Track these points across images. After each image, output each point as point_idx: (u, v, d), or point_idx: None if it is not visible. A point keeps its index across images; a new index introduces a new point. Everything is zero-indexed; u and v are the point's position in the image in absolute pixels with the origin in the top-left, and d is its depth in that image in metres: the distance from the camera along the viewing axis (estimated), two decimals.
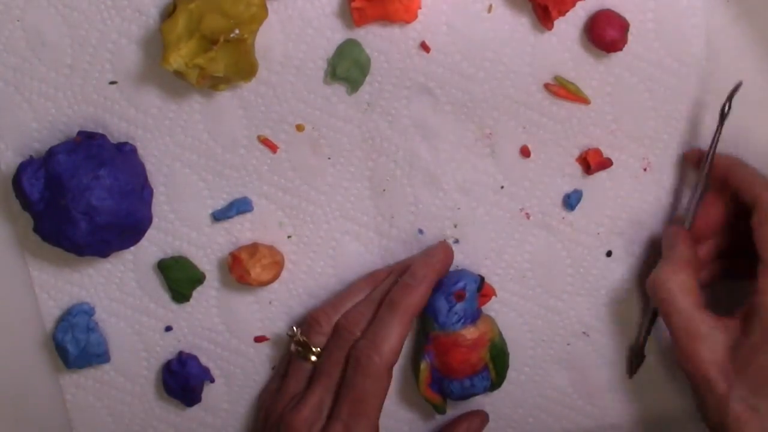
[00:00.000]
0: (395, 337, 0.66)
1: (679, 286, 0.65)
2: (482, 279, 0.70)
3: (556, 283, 0.73)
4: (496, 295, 0.72)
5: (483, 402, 0.75)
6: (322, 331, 0.69)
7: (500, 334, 0.71)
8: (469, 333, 0.69)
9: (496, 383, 0.71)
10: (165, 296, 0.73)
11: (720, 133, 0.67)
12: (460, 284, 0.69)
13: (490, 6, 0.68)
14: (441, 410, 0.72)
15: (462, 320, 0.69)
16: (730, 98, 0.66)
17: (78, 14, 0.68)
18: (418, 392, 0.71)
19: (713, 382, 0.62)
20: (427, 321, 0.70)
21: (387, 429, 0.75)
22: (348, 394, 0.66)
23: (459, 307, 0.69)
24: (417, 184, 0.71)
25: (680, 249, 0.66)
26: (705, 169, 0.67)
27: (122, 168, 0.67)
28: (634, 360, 0.73)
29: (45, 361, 0.74)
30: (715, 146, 0.67)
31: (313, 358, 0.69)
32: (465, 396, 0.71)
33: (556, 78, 0.69)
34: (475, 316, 0.70)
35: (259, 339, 0.74)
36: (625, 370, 0.74)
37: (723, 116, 0.67)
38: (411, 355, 0.74)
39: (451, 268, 0.71)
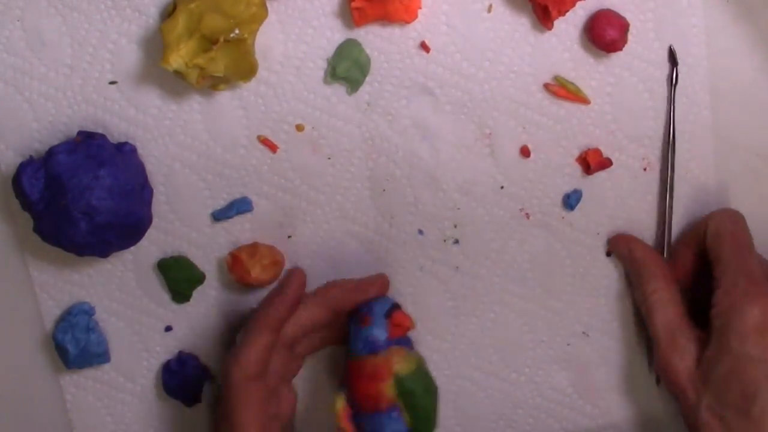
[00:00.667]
0: (252, 347, 0.65)
1: (663, 298, 0.67)
2: (394, 306, 0.67)
3: (556, 283, 0.73)
4: (413, 328, 0.68)
5: (482, 402, 0.75)
6: None
7: (418, 372, 0.66)
8: (370, 362, 0.65)
9: (416, 429, 0.65)
10: (165, 296, 0.73)
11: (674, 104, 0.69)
12: (365, 309, 0.67)
13: (490, 6, 0.68)
14: None
15: (367, 347, 0.66)
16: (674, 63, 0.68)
17: (78, 14, 0.68)
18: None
19: (685, 392, 0.66)
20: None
21: None
22: (220, 413, 0.66)
23: (364, 332, 0.66)
24: (417, 184, 0.71)
25: (658, 263, 0.69)
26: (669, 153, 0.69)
27: (122, 168, 0.67)
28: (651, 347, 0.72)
29: (45, 361, 0.74)
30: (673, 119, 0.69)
31: None
32: None
33: (556, 78, 0.69)
34: (381, 345, 0.66)
35: None
36: (648, 367, 0.73)
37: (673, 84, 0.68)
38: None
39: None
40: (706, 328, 0.66)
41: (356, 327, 0.67)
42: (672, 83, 0.68)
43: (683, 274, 0.70)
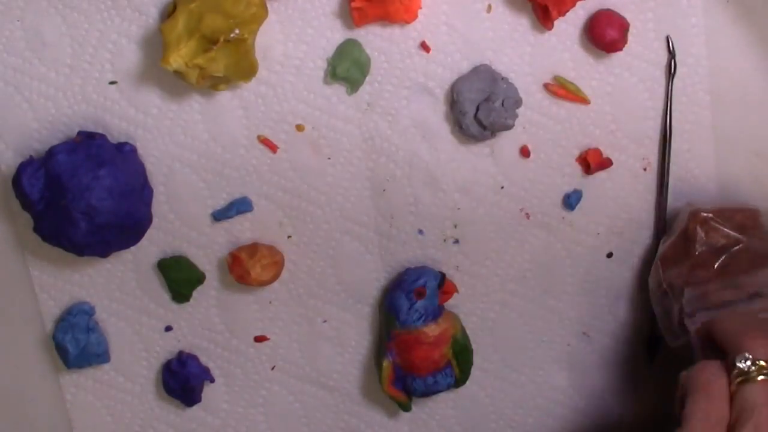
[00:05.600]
0: None
1: None
2: (443, 276, 0.70)
3: (556, 283, 0.73)
4: (458, 292, 0.72)
5: (482, 402, 0.75)
6: None
7: (463, 330, 0.71)
8: (431, 330, 0.69)
9: (460, 380, 0.71)
10: (165, 296, 0.73)
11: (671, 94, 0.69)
12: (420, 281, 0.69)
13: (490, 6, 0.68)
14: (406, 408, 0.72)
15: (423, 317, 0.69)
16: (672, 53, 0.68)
17: (78, 14, 0.68)
18: (382, 390, 0.72)
19: None
20: (388, 319, 0.70)
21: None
22: None
23: (420, 304, 0.69)
24: (417, 184, 0.71)
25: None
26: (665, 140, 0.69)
27: (122, 168, 0.67)
28: (652, 346, 0.73)
29: (45, 361, 0.74)
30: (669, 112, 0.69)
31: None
32: (429, 393, 0.71)
33: (556, 78, 0.69)
34: (436, 312, 0.70)
35: (259, 339, 0.74)
36: (644, 362, 0.74)
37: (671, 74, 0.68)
38: (374, 353, 0.74)
39: (418, 266, 0.72)
40: None
41: (409, 300, 0.69)
42: (670, 73, 0.68)
43: None
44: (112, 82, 0.69)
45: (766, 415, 0.56)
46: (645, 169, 0.70)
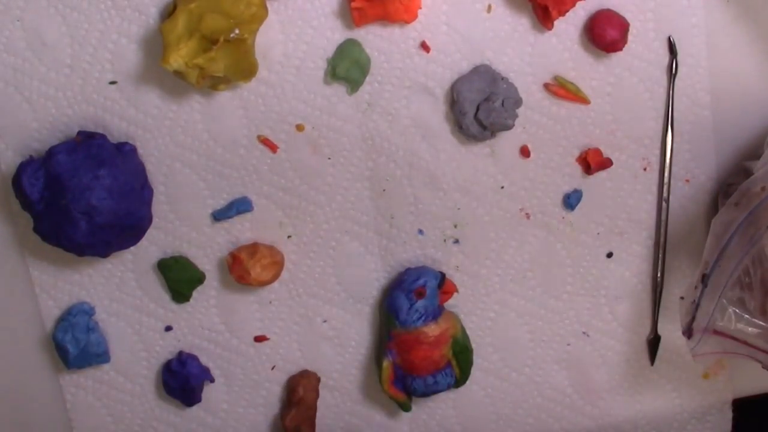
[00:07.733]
0: None
1: None
2: (443, 276, 0.70)
3: (556, 283, 0.73)
4: (458, 292, 0.72)
5: (482, 402, 0.75)
6: None
7: (463, 330, 0.71)
8: (431, 330, 0.69)
9: (460, 380, 0.71)
10: (165, 296, 0.73)
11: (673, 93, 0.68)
12: (420, 281, 0.69)
13: (490, 6, 0.68)
14: (406, 408, 0.72)
15: (423, 317, 0.69)
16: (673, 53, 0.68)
17: (78, 14, 0.68)
18: (382, 390, 0.72)
19: None
20: (388, 319, 0.70)
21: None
22: None
23: (420, 304, 0.69)
24: (417, 184, 0.71)
25: None
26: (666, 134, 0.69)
27: (122, 168, 0.67)
28: (652, 346, 0.73)
29: (45, 361, 0.74)
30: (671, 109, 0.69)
31: None
32: (429, 393, 0.71)
33: (556, 78, 0.69)
34: (436, 312, 0.70)
35: (259, 339, 0.74)
36: (649, 360, 0.74)
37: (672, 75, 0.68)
38: (374, 353, 0.74)
39: (416, 266, 0.72)
40: None
41: (409, 300, 0.69)
42: (671, 74, 0.68)
43: None
44: (112, 82, 0.69)
45: None
46: (645, 169, 0.70)
